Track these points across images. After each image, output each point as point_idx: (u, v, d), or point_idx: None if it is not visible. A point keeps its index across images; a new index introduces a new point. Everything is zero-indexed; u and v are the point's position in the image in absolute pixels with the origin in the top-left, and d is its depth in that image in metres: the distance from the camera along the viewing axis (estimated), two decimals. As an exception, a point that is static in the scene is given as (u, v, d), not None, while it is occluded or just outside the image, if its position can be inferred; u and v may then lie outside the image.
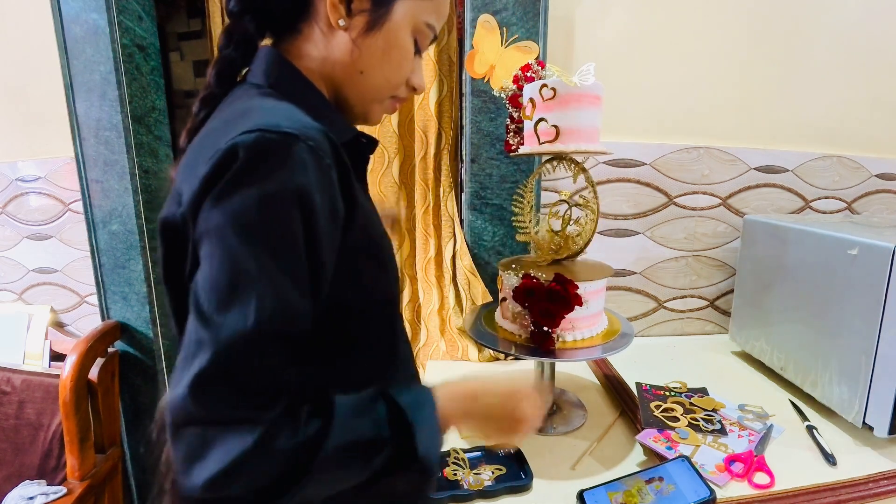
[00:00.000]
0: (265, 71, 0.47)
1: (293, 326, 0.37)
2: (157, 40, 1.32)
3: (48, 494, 1.09)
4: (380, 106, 0.53)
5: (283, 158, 0.36)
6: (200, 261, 0.37)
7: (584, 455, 0.80)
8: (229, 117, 0.42)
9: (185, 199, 0.38)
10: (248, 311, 0.35)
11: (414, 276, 1.30)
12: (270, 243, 0.36)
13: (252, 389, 0.35)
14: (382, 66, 0.49)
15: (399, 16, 0.47)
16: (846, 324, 0.86)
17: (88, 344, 1.16)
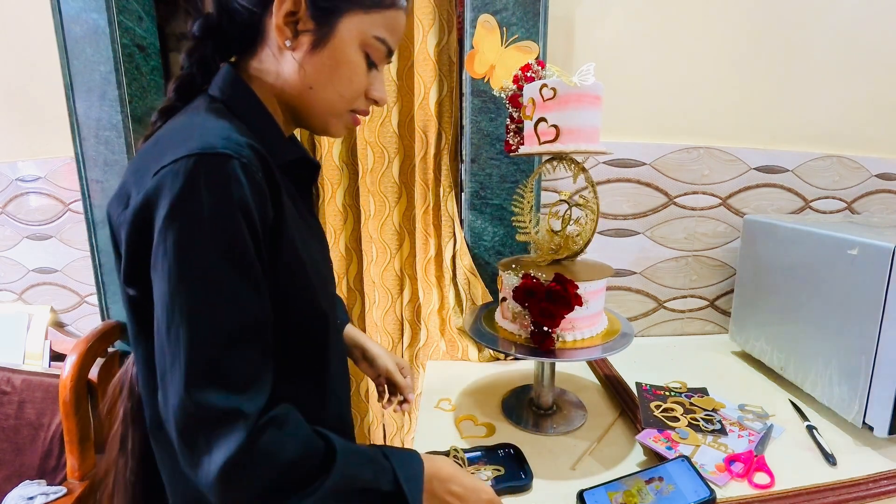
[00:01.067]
0: (220, 88, 0.51)
1: (256, 322, 0.42)
2: (157, 40, 1.32)
3: (48, 494, 1.09)
4: (338, 119, 0.55)
5: (222, 176, 0.40)
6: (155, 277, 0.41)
7: (584, 455, 0.80)
8: (176, 128, 0.46)
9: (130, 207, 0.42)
10: (216, 315, 0.40)
11: (414, 275, 1.30)
12: (228, 252, 0.40)
13: (232, 381, 0.40)
14: (332, 82, 0.51)
15: (344, 33, 0.50)
16: (846, 324, 0.86)
17: (88, 344, 1.16)
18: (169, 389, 0.39)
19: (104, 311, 1.33)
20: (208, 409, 0.38)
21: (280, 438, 0.41)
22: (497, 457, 0.78)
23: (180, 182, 0.39)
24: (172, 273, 0.39)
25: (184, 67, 0.53)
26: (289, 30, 0.49)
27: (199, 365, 0.39)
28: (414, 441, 0.86)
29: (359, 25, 0.50)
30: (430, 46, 1.12)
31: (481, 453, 0.79)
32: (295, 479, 0.41)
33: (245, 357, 0.41)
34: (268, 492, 0.40)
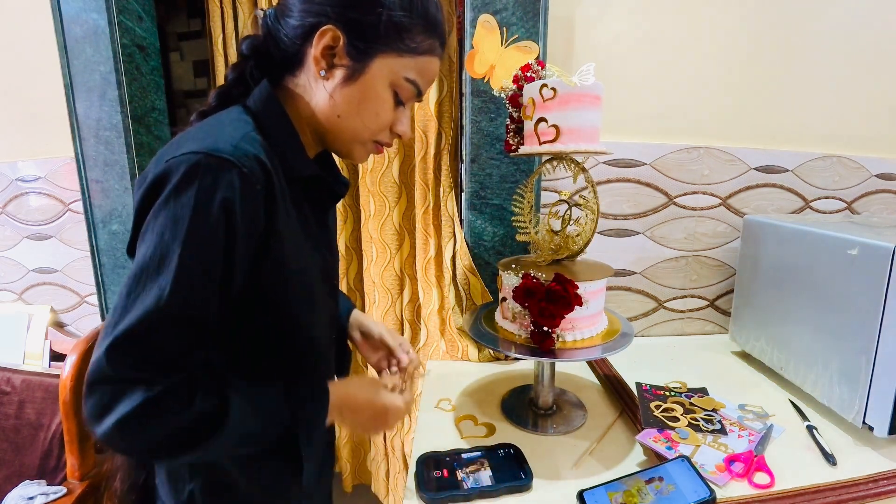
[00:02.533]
0: (256, 100, 0.55)
1: (200, 312, 0.45)
2: (157, 40, 1.32)
3: (48, 494, 1.09)
4: (362, 147, 0.60)
5: (217, 178, 0.44)
6: (138, 247, 0.45)
7: (585, 455, 0.80)
8: (202, 126, 0.51)
9: (143, 186, 0.46)
10: (162, 293, 0.43)
11: (414, 275, 1.30)
12: (195, 241, 0.44)
13: (155, 358, 0.44)
14: (359, 114, 0.56)
15: (376, 71, 0.54)
16: (846, 324, 0.86)
17: (88, 344, 1.16)
18: (101, 344, 0.43)
19: (104, 311, 1.33)
20: (120, 373, 0.42)
21: (172, 406, 0.44)
22: (497, 457, 0.78)
23: (180, 174, 0.43)
24: (149, 254, 0.44)
25: (227, 78, 0.58)
26: (325, 62, 0.53)
27: (130, 337, 0.42)
28: (414, 441, 0.85)
29: (391, 66, 0.54)
30: (430, 46, 1.12)
31: (481, 453, 0.79)
32: (181, 440, 0.45)
33: (174, 346, 0.45)
34: (155, 446, 0.45)
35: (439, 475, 0.74)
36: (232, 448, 0.49)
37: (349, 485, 1.57)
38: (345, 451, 1.54)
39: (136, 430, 0.43)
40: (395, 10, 0.52)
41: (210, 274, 0.45)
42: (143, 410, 0.42)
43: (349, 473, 1.55)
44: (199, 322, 0.46)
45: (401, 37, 0.53)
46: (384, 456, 1.46)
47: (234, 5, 1.31)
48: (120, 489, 0.62)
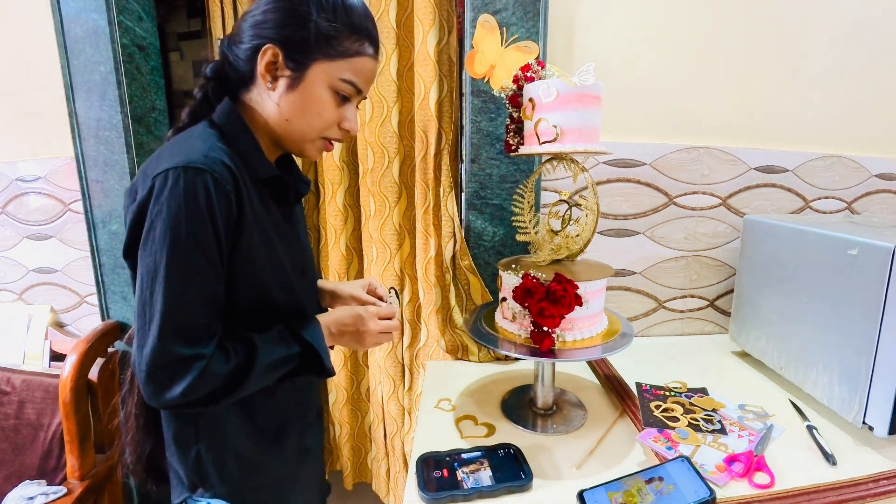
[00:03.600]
0: (219, 115, 0.64)
1: (213, 289, 0.58)
2: (157, 40, 1.32)
3: (48, 494, 1.09)
4: (311, 145, 0.68)
5: (195, 185, 0.54)
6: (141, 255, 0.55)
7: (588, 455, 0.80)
8: (177, 141, 0.61)
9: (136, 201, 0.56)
10: (183, 281, 0.54)
11: (414, 275, 1.30)
12: (193, 233, 0.54)
13: (195, 335, 0.56)
14: (303, 116, 0.64)
15: (313, 77, 0.62)
16: (846, 324, 0.86)
17: (88, 344, 1.16)
18: (147, 339, 0.53)
19: (104, 311, 1.33)
20: (175, 356, 0.54)
21: (218, 362, 0.57)
22: (497, 457, 0.78)
23: (168, 186, 0.53)
24: (157, 254, 0.53)
25: (195, 97, 0.67)
26: (269, 75, 0.62)
27: (170, 323, 0.54)
28: (414, 441, 0.86)
29: (326, 70, 0.62)
30: (430, 46, 1.12)
31: (481, 453, 0.79)
32: (231, 382, 0.58)
33: (204, 318, 0.57)
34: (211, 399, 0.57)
35: (439, 475, 0.74)
36: (265, 377, 0.62)
37: (350, 483, 1.57)
38: (345, 450, 1.54)
39: (196, 393, 0.55)
40: (321, 23, 0.60)
41: (209, 256, 0.56)
42: (200, 378, 0.55)
43: (350, 472, 1.56)
44: (214, 297, 0.58)
45: (330, 44, 0.61)
46: (384, 455, 1.46)
47: (235, 5, 1.31)
48: (131, 461, 0.71)
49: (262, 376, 0.61)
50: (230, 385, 0.58)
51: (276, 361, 0.62)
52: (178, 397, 0.54)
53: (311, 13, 0.60)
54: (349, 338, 0.72)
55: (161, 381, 0.54)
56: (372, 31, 0.65)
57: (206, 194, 0.54)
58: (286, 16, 0.60)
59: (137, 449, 0.70)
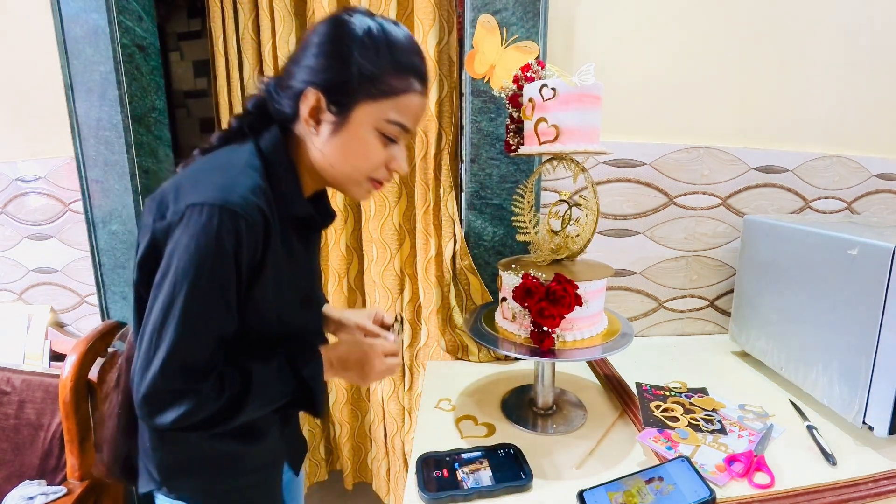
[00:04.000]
0: (266, 145, 0.63)
1: (221, 327, 0.57)
2: (157, 40, 1.32)
3: (48, 494, 1.09)
4: (358, 187, 0.66)
5: (227, 226, 0.53)
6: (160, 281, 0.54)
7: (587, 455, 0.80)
8: (217, 166, 0.60)
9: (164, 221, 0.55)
10: (194, 319, 0.54)
11: (414, 275, 1.30)
12: (215, 274, 0.54)
13: (196, 370, 0.55)
14: (348, 160, 0.63)
15: (357, 119, 0.60)
16: (846, 324, 0.86)
17: (88, 344, 1.16)
18: (149, 367, 0.54)
19: (104, 311, 1.33)
20: (173, 388, 0.54)
21: (213, 395, 0.57)
22: (497, 457, 0.78)
23: (198, 223, 0.53)
24: (177, 287, 0.53)
25: (231, 125, 0.66)
26: (312, 120, 0.61)
27: (176, 359, 0.54)
28: (414, 441, 0.86)
29: (370, 112, 0.60)
30: (430, 46, 1.12)
31: (481, 453, 0.79)
32: (221, 418, 0.58)
33: (208, 355, 0.57)
34: (202, 427, 0.58)
35: (439, 475, 0.74)
36: (258, 411, 0.62)
37: (350, 483, 1.57)
38: (345, 450, 1.54)
39: (187, 421, 0.55)
40: (364, 64, 0.58)
41: (226, 297, 0.56)
42: (193, 410, 0.55)
43: (350, 472, 1.56)
44: (221, 334, 0.57)
45: (374, 84, 0.59)
46: (384, 454, 1.46)
47: (235, 5, 1.31)
48: (107, 459, 0.71)
49: (257, 410, 0.61)
50: (222, 415, 0.58)
51: (271, 397, 0.62)
52: (168, 424, 0.55)
53: (352, 54, 0.58)
54: (351, 374, 0.72)
55: (155, 407, 0.55)
56: (419, 65, 0.63)
57: (236, 240, 0.54)
58: (327, 58, 0.59)
59: (116, 449, 0.70)
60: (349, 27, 0.59)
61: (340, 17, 0.60)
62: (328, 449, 1.60)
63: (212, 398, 0.57)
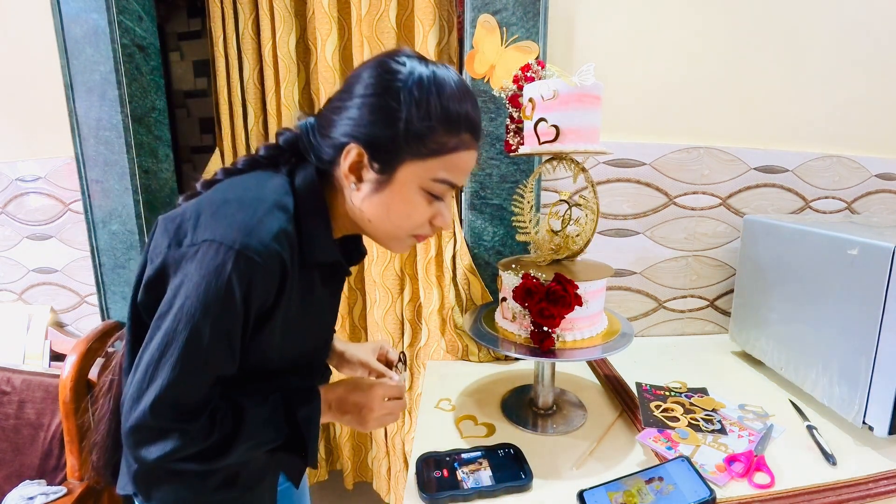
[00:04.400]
0: (301, 184, 0.59)
1: (222, 367, 0.55)
2: (157, 40, 1.32)
3: (48, 494, 1.09)
4: (399, 242, 0.63)
5: (242, 273, 0.50)
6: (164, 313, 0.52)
7: (586, 456, 0.80)
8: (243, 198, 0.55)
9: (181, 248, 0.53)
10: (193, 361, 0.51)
11: (415, 275, 1.30)
12: (221, 317, 0.51)
13: (188, 409, 0.53)
14: (390, 218, 0.59)
15: (402, 178, 0.56)
16: (846, 324, 0.86)
17: (88, 344, 1.16)
18: (141, 400, 0.51)
19: (104, 311, 1.33)
20: (161, 425, 0.52)
21: (200, 435, 0.54)
22: (497, 457, 0.78)
23: (211, 263, 0.50)
24: (181, 324, 0.50)
25: (258, 152, 0.63)
26: (353, 176, 0.57)
27: (167, 396, 0.51)
28: (414, 441, 0.86)
29: (417, 171, 0.56)
30: (430, 46, 1.12)
31: (481, 453, 0.79)
32: (211, 453, 0.55)
33: (201, 395, 0.54)
34: (189, 464, 0.55)
35: (439, 475, 0.74)
36: (248, 453, 0.59)
37: (350, 482, 1.57)
38: (346, 449, 1.54)
39: (171, 459, 0.53)
40: (412, 121, 0.53)
41: (229, 341, 0.54)
42: (179, 448, 0.52)
43: (350, 471, 1.56)
44: (219, 374, 0.55)
45: (423, 142, 0.55)
46: (385, 454, 1.46)
47: (235, 5, 1.31)
48: (97, 463, 0.69)
49: (245, 452, 0.58)
50: (210, 454, 0.55)
51: (262, 440, 0.59)
52: (152, 460, 0.52)
53: (400, 109, 0.53)
54: (349, 418, 0.68)
55: (140, 441, 0.52)
56: (472, 116, 0.57)
57: (247, 287, 0.51)
58: (373, 112, 0.54)
59: (105, 454, 0.68)
60: (396, 77, 0.54)
61: (388, 63, 0.55)
62: (328, 449, 1.60)
63: (199, 438, 0.53)
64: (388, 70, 0.54)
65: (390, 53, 0.57)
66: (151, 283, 0.55)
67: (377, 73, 0.55)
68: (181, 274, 0.51)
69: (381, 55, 0.57)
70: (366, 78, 0.55)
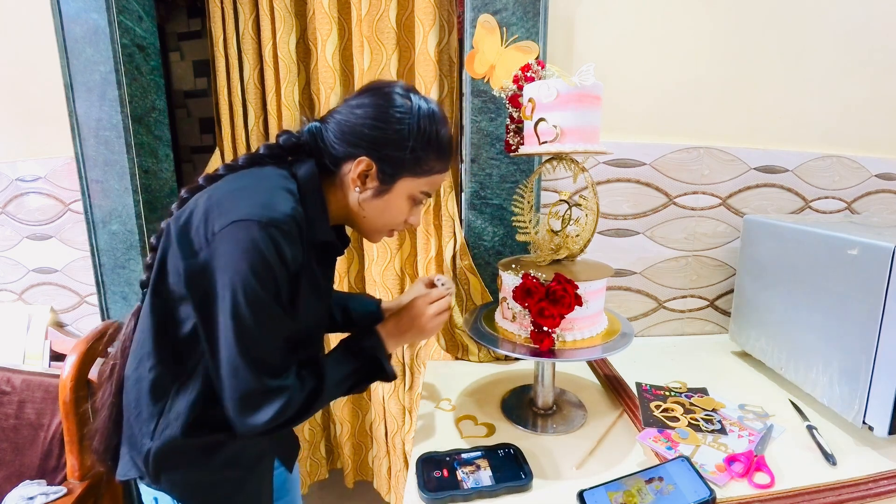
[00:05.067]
0: (302, 176, 0.69)
1: (285, 332, 0.64)
2: (157, 40, 1.32)
3: (48, 494, 1.09)
4: (378, 234, 0.77)
5: (275, 238, 0.59)
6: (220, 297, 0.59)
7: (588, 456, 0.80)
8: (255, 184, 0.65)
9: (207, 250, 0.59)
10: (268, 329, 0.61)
11: (415, 275, 1.30)
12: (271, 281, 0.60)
13: (279, 367, 0.63)
14: (381, 217, 0.73)
15: (398, 189, 0.70)
16: (846, 324, 0.86)
17: (88, 344, 1.16)
18: (238, 373, 0.59)
19: (104, 311, 1.33)
20: (264, 386, 0.61)
21: (297, 391, 0.64)
22: (497, 457, 0.78)
23: (246, 239, 0.58)
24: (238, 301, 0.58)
25: (259, 151, 0.71)
26: (359, 181, 0.69)
27: (259, 363, 0.60)
28: (414, 441, 0.86)
29: (409, 185, 0.71)
30: (430, 47, 1.12)
31: (481, 453, 0.79)
32: (304, 409, 0.65)
33: (281, 354, 0.63)
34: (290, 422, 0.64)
35: (439, 475, 0.74)
36: (335, 395, 0.71)
37: (350, 481, 1.57)
38: (346, 448, 1.54)
39: (281, 418, 0.62)
40: (417, 148, 0.68)
41: (281, 303, 0.62)
42: (284, 406, 0.62)
43: (351, 470, 1.56)
44: (285, 336, 0.64)
45: (419, 165, 0.69)
46: (385, 453, 1.46)
47: (235, 5, 1.31)
48: (98, 448, 0.74)
49: (334, 393, 0.70)
50: (306, 407, 0.65)
51: (341, 378, 0.71)
52: (265, 423, 0.60)
53: (409, 139, 0.67)
54: (410, 334, 0.79)
55: (251, 406, 0.60)
56: (452, 151, 0.74)
57: (281, 250, 0.59)
58: (387, 136, 0.67)
59: (107, 439, 0.73)
60: (407, 112, 0.67)
61: (397, 99, 0.67)
62: (328, 448, 1.60)
63: (297, 392, 0.64)
64: (397, 106, 0.67)
65: (396, 87, 0.69)
66: (193, 278, 0.61)
67: (390, 106, 0.67)
68: (220, 257, 0.58)
69: (389, 88, 0.69)
70: (383, 107, 0.67)
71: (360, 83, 1.24)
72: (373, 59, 1.18)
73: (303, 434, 1.52)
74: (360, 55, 1.21)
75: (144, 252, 1.27)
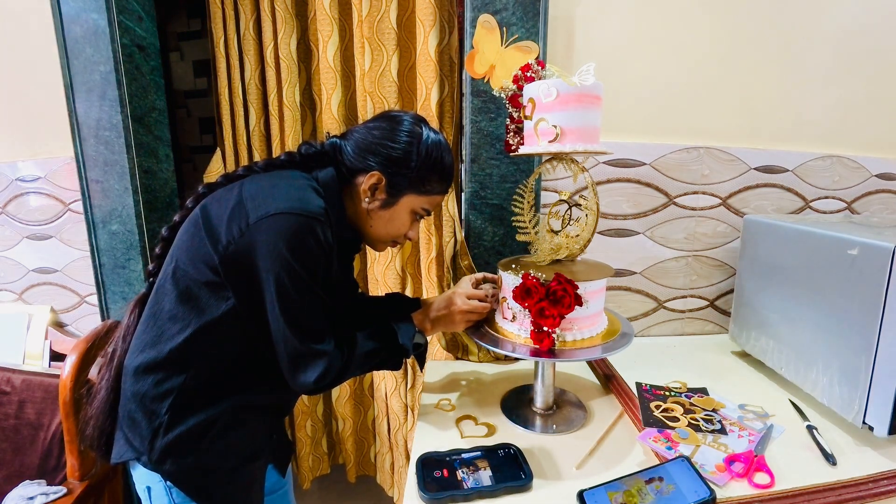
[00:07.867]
0: (322, 179, 0.78)
1: (326, 307, 0.73)
2: (157, 40, 1.32)
3: (48, 494, 1.09)
4: (382, 244, 0.87)
5: (314, 227, 0.68)
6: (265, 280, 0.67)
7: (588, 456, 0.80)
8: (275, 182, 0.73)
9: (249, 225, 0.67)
10: (313, 304, 0.71)
11: (416, 274, 1.30)
12: (313, 265, 0.69)
13: (320, 333, 0.73)
14: (385, 228, 0.82)
15: (402, 204, 0.80)
16: (846, 324, 0.86)
17: (88, 344, 1.16)
18: (289, 337, 0.69)
19: (104, 311, 1.33)
20: (313, 350, 0.71)
21: (337, 357, 0.73)
22: (497, 457, 0.78)
23: (284, 228, 0.66)
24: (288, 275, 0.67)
25: (279, 157, 0.81)
26: (370, 192, 0.78)
27: (306, 331, 0.70)
28: (414, 441, 0.86)
29: (413, 202, 0.81)
30: (430, 47, 1.12)
31: (481, 453, 0.79)
32: (343, 369, 0.74)
33: (325, 325, 0.73)
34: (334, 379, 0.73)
35: (439, 475, 0.74)
36: (366, 365, 0.80)
37: (353, 475, 1.58)
38: (348, 444, 1.54)
39: (326, 378, 0.72)
40: (423, 168, 0.78)
41: (318, 283, 0.71)
42: (328, 366, 0.72)
43: (353, 465, 1.56)
44: (325, 310, 0.73)
45: (423, 184, 0.79)
46: (388, 449, 1.46)
47: (236, 6, 1.31)
48: (91, 435, 0.77)
49: (364, 363, 0.79)
50: (343, 369, 0.74)
51: (370, 351, 0.80)
52: (313, 382, 0.71)
53: (415, 160, 0.77)
54: (443, 321, 0.88)
55: (301, 365, 0.71)
56: (452, 176, 0.84)
57: (317, 237, 0.68)
58: (398, 156, 0.76)
59: (101, 425, 0.76)
60: (417, 140, 0.77)
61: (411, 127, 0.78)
62: (330, 443, 1.60)
63: (337, 357, 0.73)
64: (407, 131, 0.77)
65: (408, 116, 0.80)
66: (229, 266, 0.68)
67: (402, 130, 0.77)
68: (261, 246, 0.66)
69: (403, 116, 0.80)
70: (403, 134, 0.77)
71: (360, 84, 1.25)
72: (374, 60, 1.18)
73: (304, 430, 1.52)
74: (361, 56, 1.21)
75: (144, 252, 1.27)
